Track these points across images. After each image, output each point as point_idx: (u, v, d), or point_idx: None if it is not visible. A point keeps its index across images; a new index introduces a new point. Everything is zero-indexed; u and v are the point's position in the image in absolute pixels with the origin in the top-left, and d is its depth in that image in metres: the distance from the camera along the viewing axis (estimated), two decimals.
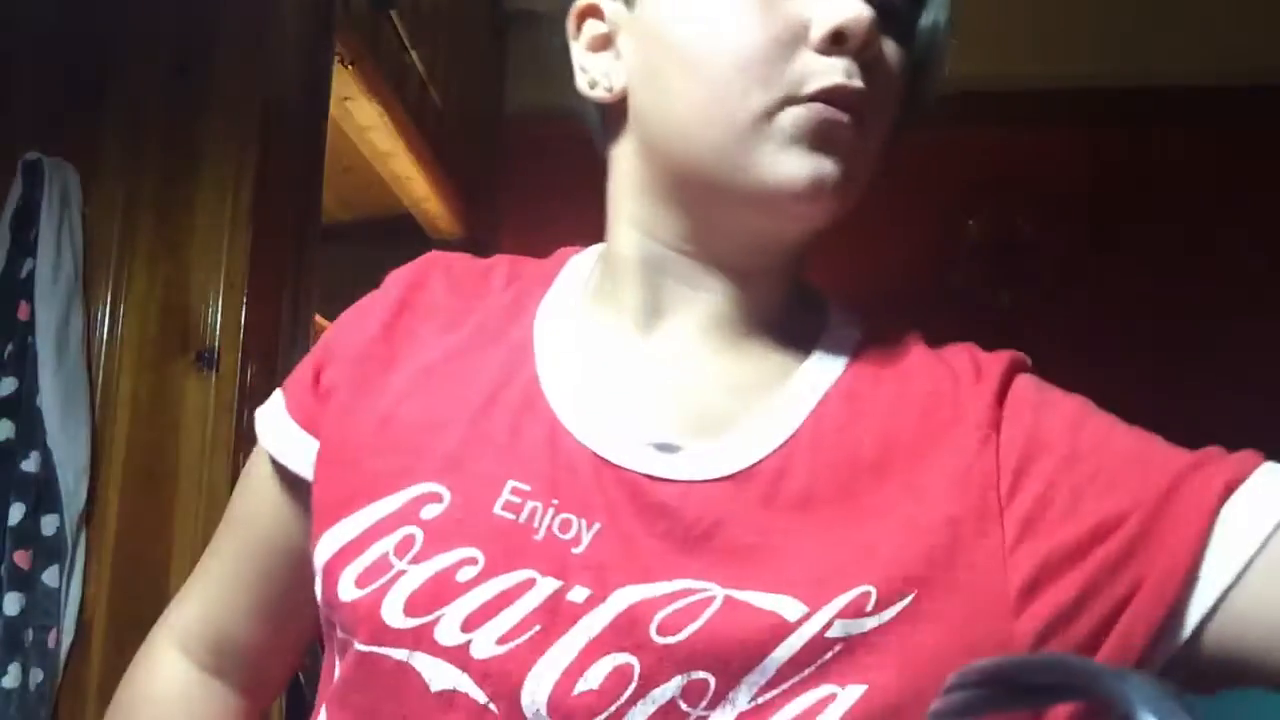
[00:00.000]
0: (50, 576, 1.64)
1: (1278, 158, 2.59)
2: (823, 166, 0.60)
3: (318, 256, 1.96)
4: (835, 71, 0.59)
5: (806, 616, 0.56)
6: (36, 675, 1.61)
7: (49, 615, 1.63)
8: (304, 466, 0.70)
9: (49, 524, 1.65)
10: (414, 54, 2.48)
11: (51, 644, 1.62)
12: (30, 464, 1.66)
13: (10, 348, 1.70)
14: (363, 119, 2.34)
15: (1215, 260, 2.55)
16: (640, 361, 0.66)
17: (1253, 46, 2.58)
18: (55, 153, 1.79)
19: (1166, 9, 2.63)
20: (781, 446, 0.61)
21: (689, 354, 0.66)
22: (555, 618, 0.57)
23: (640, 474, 0.61)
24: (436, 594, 0.59)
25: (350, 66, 2.11)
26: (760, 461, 0.61)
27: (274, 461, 0.73)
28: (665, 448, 0.62)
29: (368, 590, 0.60)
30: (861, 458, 0.61)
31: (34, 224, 1.73)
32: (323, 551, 0.64)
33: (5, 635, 1.60)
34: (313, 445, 0.69)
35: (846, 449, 0.61)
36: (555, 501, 0.60)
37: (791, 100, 0.59)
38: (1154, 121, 2.63)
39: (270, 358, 1.79)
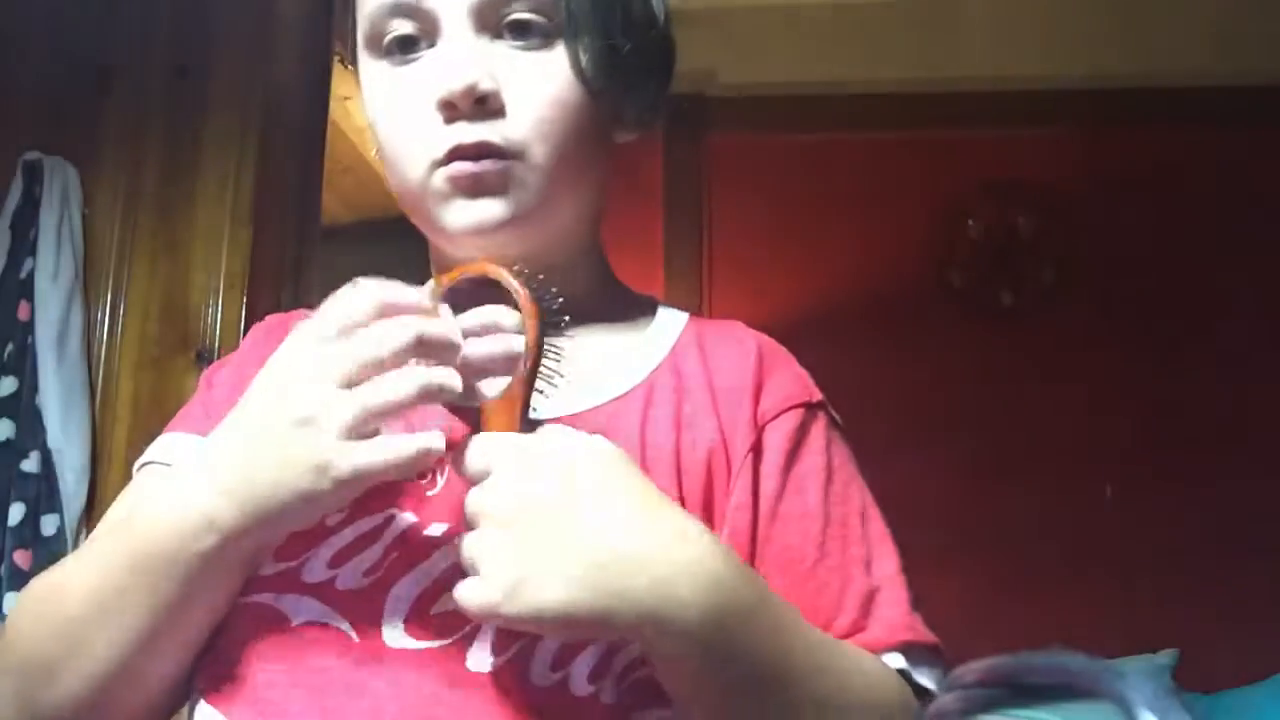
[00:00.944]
0: None
1: (1278, 157, 2.59)
2: (480, 210, 0.68)
3: (318, 256, 1.96)
4: (455, 134, 0.67)
5: None
6: None
7: None
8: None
9: (49, 524, 1.65)
10: None
11: None
12: (30, 464, 1.66)
13: (10, 348, 1.70)
14: (363, 119, 2.33)
15: (1216, 260, 2.55)
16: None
17: (1253, 46, 2.58)
18: (55, 153, 1.79)
19: (1166, 8, 2.63)
20: (643, 381, 0.70)
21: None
22: (414, 548, 0.63)
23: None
24: (304, 539, 0.63)
25: (350, 66, 2.11)
26: (626, 392, 0.69)
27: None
28: None
29: None
30: (699, 398, 0.69)
31: (34, 224, 1.73)
32: None
33: None
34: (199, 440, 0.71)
35: (698, 383, 0.70)
36: None
37: (437, 164, 0.68)
38: (1154, 121, 2.63)
39: None
